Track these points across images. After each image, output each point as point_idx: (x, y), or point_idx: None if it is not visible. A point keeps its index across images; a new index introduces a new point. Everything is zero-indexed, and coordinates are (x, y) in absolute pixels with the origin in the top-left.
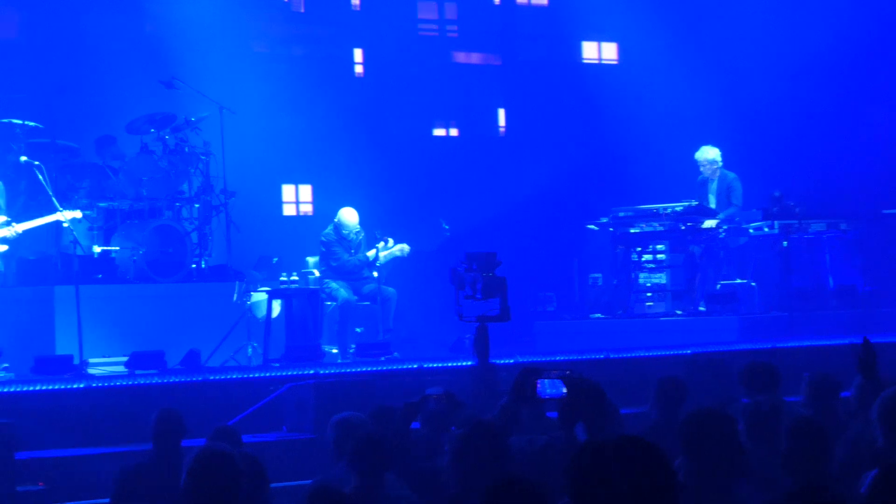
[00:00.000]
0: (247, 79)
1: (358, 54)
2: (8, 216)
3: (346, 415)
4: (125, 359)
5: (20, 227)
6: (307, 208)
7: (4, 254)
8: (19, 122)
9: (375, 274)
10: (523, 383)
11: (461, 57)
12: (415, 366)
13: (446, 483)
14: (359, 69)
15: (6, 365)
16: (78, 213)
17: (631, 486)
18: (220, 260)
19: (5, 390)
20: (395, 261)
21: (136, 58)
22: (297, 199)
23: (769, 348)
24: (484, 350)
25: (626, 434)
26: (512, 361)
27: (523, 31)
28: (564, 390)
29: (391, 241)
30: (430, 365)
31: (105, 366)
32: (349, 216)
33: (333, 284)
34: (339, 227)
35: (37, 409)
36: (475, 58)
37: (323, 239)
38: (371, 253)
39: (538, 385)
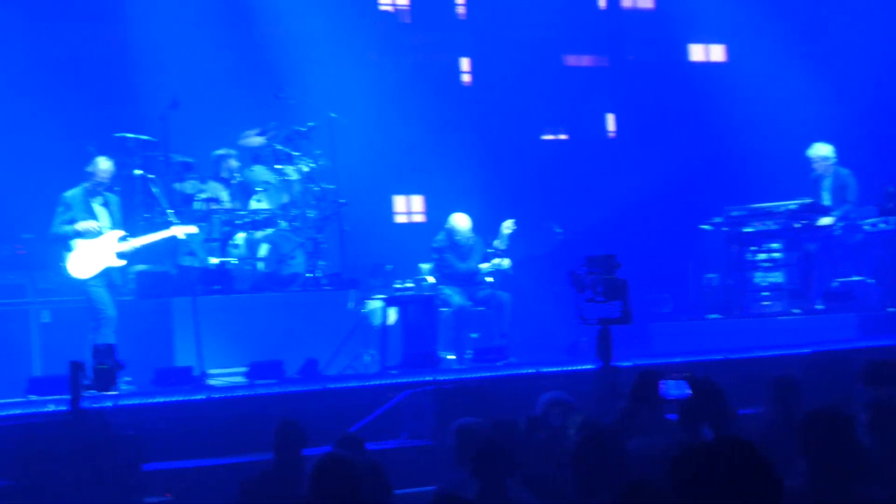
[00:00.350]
0: (355, 89)
1: (465, 63)
2: (125, 230)
3: (466, 421)
4: (244, 369)
5: (137, 242)
6: (419, 217)
7: (122, 268)
8: (133, 136)
9: (490, 279)
10: (643, 386)
11: (572, 60)
12: (532, 370)
13: (568, 488)
14: (466, 78)
15: (128, 378)
16: (193, 228)
17: (732, 490)
18: (334, 268)
19: (128, 403)
20: (515, 264)
21: (246, 70)
22: (408, 209)
23: (889, 345)
24: (606, 353)
25: (728, 435)
26: (632, 364)
27: (629, 34)
28: (688, 392)
29: (506, 261)
30: (547, 369)
31: (224, 376)
32: (461, 222)
33: (448, 291)
34: (450, 233)
35: (158, 421)
36: (585, 60)
37: (435, 245)
38: (485, 266)
39: (661, 386)
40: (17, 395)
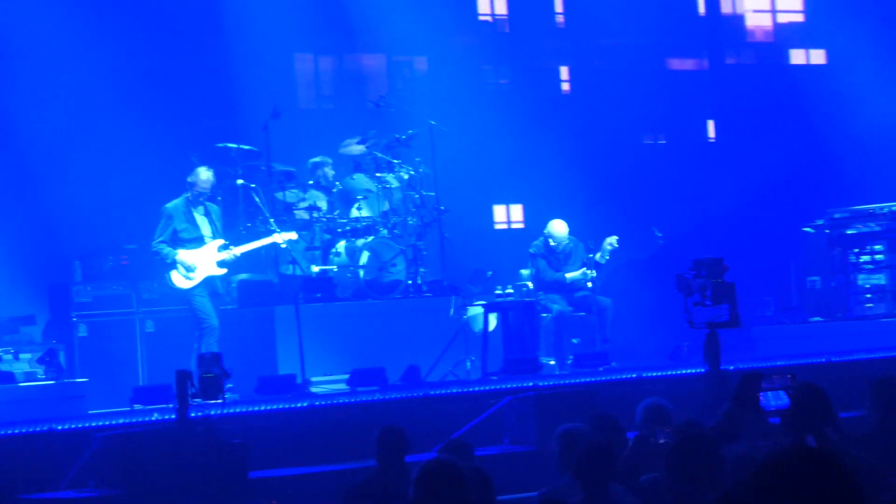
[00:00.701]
0: (455, 98)
1: (564, 72)
2: (226, 239)
3: (569, 426)
4: (346, 376)
5: (238, 250)
6: (519, 224)
7: (224, 276)
8: (234, 146)
9: (590, 284)
10: (746, 389)
11: (674, 64)
12: (633, 375)
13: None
14: (565, 86)
15: (230, 386)
16: (294, 235)
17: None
18: (434, 275)
19: (233, 411)
20: (610, 270)
21: (347, 78)
22: (508, 219)
23: None
24: (715, 357)
25: (806, 446)
26: (735, 368)
27: (729, 40)
28: (788, 402)
29: (592, 272)
30: (650, 374)
31: (327, 384)
32: (558, 228)
33: (548, 296)
34: (548, 239)
35: (262, 429)
36: (686, 64)
37: (532, 251)
38: (573, 274)
39: (761, 397)
40: (122, 405)
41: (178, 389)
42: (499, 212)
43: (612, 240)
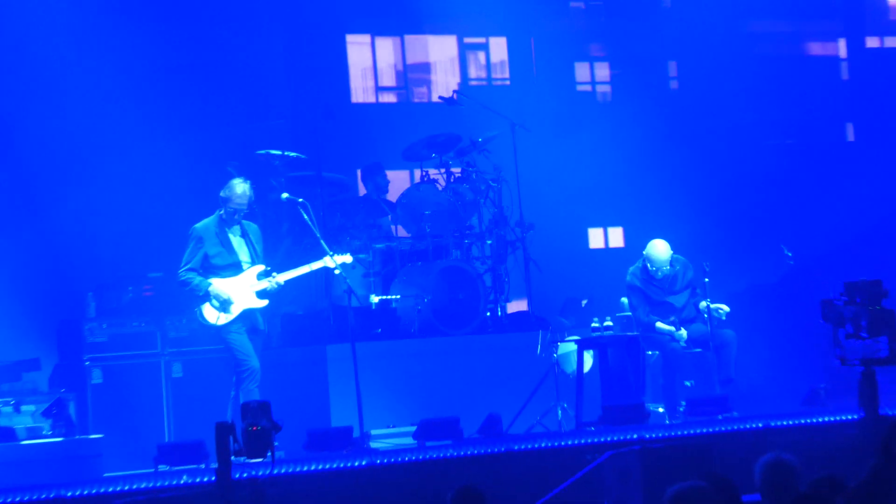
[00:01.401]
0: (541, 94)
1: (672, 67)
2: (268, 265)
3: (684, 486)
4: (413, 428)
5: (283, 277)
6: (619, 244)
7: (266, 309)
8: (278, 153)
9: (706, 315)
10: (893, 440)
11: (806, 49)
12: (759, 424)
13: None
14: (673, 84)
15: (276, 444)
16: (349, 258)
17: None
18: (519, 306)
19: (282, 471)
20: (731, 297)
21: (411, 68)
22: (605, 239)
23: None
24: (872, 400)
25: None
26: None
27: (870, 20)
28: None
29: (725, 308)
30: (779, 423)
31: (390, 437)
32: (658, 250)
33: (657, 328)
34: (646, 263)
35: (316, 492)
36: (821, 48)
37: (628, 280)
38: (664, 326)
39: None
40: (145, 465)
41: (218, 445)
42: (594, 235)
43: (723, 309)
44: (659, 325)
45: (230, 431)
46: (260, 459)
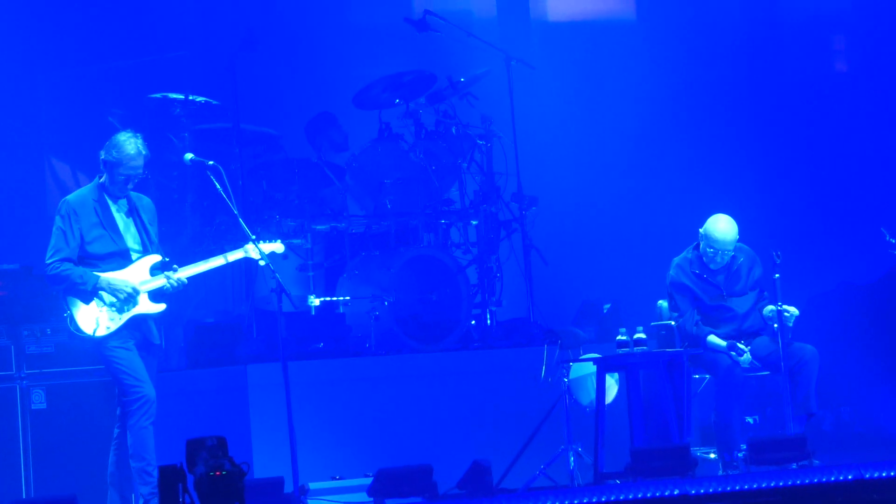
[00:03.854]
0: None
1: None
2: (165, 255)
3: None
4: (368, 480)
5: (186, 273)
6: (654, 224)
7: (163, 317)
8: (180, 97)
9: (776, 325)
10: None
11: None
12: (849, 476)
13: None
14: None
15: None
16: (279, 247)
17: None
18: (516, 311)
19: None
20: (814, 301)
21: None
22: (635, 221)
23: None
24: None
25: None
26: None
27: None
28: None
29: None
30: (877, 474)
31: (336, 494)
32: (720, 227)
33: (709, 342)
34: (702, 248)
35: None
36: None
37: (671, 275)
38: (717, 340)
39: None
40: None
41: (161, 496)
42: (620, 214)
43: (791, 311)
44: (712, 338)
45: (179, 479)
46: None
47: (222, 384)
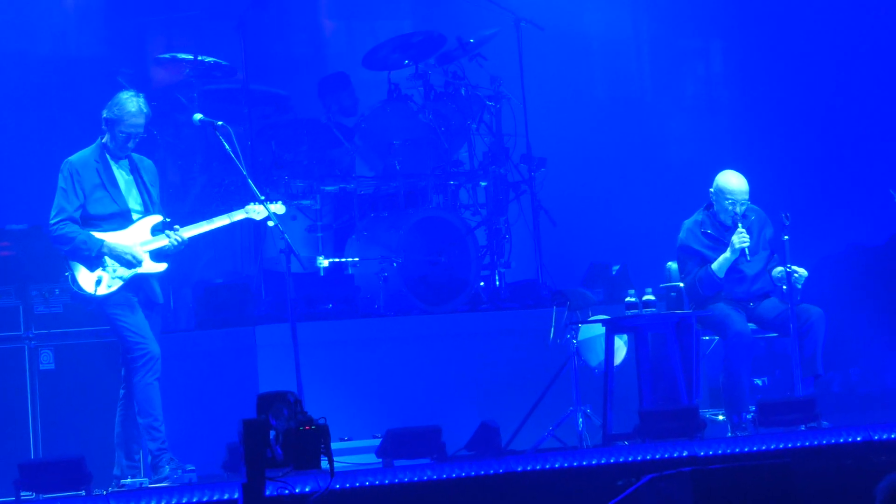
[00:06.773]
0: None
1: None
2: (167, 216)
3: None
4: (376, 441)
5: (189, 233)
6: (663, 186)
7: (170, 277)
8: (189, 57)
9: (784, 286)
10: None
11: None
12: (857, 437)
13: None
14: None
15: (192, 468)
16: (280, 207)
17: None
18: (525, 273)
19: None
20: (822, 264)
21: None
22: (645, 183)
23: None
24: None
25: None
26: None
27: None
28: None
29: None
30: (885, 436)
31: (344, 455)
32: (732, 180)
33: (719, 306)
34: (716, 203)
35: None
36: None
37: (681, 238)
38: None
39: None
40: (3, 492)
41: (248, 453)
42: (630, 175)
43: (800, 272)
44: (714, 265)
45: (266, 433)
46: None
47: (231, 345)
